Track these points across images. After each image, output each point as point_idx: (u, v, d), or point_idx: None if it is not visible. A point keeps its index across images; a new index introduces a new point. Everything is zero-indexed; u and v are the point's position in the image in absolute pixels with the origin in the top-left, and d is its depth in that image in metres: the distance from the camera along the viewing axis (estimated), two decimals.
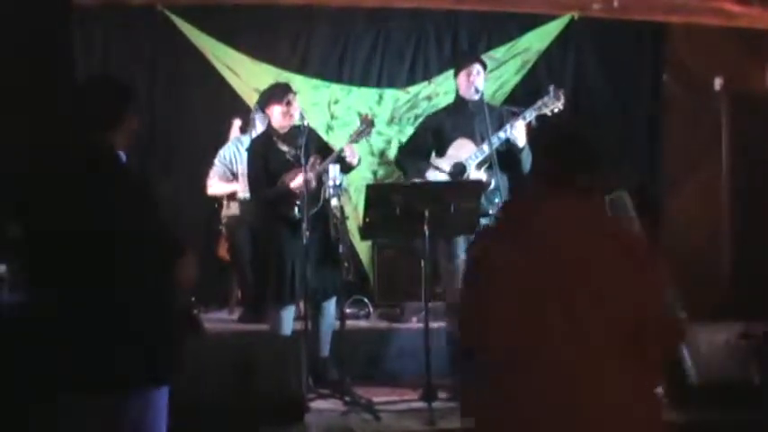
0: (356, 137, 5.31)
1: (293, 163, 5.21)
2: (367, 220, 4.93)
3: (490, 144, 5.11)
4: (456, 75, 5.47)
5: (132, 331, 2.75)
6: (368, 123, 5.34)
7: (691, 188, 7.25)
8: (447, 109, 5.60)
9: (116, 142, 2.90)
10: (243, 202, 6.22)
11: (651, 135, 7.34)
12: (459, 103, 5.45)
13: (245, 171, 6.01)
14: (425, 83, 7.01)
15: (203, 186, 6.41)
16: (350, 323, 5.60)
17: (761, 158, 7.10)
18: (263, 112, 5.49)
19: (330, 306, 5.32)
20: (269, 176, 5.29)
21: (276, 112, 5.29)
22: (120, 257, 2.74)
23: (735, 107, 7.28)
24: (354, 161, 5.28)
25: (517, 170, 5.31)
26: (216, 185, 6.37)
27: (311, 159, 5.18)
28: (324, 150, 5.33)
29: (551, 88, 5.31)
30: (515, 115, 5.28)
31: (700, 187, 7.26)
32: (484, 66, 5.46)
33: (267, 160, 5.31)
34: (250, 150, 5.50)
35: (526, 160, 5.30)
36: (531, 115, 5.27)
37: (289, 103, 5.26)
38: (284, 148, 5.29)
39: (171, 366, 2.91)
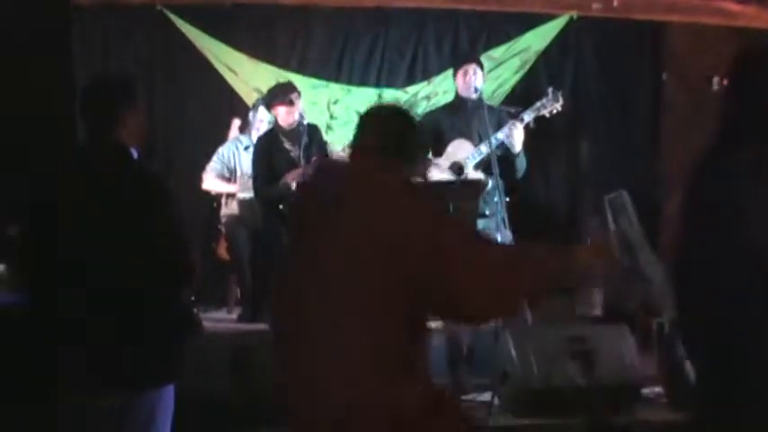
0: None
1: (297, 161, 5.23)
2: None
3: (489, 144, 5.10)
4: (454, 75, 5.47)
5: (142, 330, 2.75)
6: None
7: None
8: (445, 108, 5.60)
9: (123, 139, 2.87)
10: (242, 202, 6.21)
11: (650, 135, 7.33)
12: (458, 102, 5.45)
13: (244, 171, 6.02)
14: (425, 83, 7.00)
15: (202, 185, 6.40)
16: None
17: None
18: (270, 111, 5.51)
19: None
20: (272, 174, 5.30)
21: (281, 111, 5.34)
22: (129, 255, 2.73)
23: None
24: None
25: (511, 175, 5.30)
26: (211, 181, 6.33)
27: (314, 158, 5.20)
28: (327, 149, 5.36)
29: (550, 90, 5.33)
30: (513, 116, 5.28)
31: None
32: (480, 65, 5.45)
33: (271, 158, 5.34)
34: (255, 147, 5.54)
35: (520, 166, 5.31)
36: (529, 117, 5.27)
37: (291, 102, 5.29)
38: (288, 146, 5.31)
39: (178, 364, 2.91)
